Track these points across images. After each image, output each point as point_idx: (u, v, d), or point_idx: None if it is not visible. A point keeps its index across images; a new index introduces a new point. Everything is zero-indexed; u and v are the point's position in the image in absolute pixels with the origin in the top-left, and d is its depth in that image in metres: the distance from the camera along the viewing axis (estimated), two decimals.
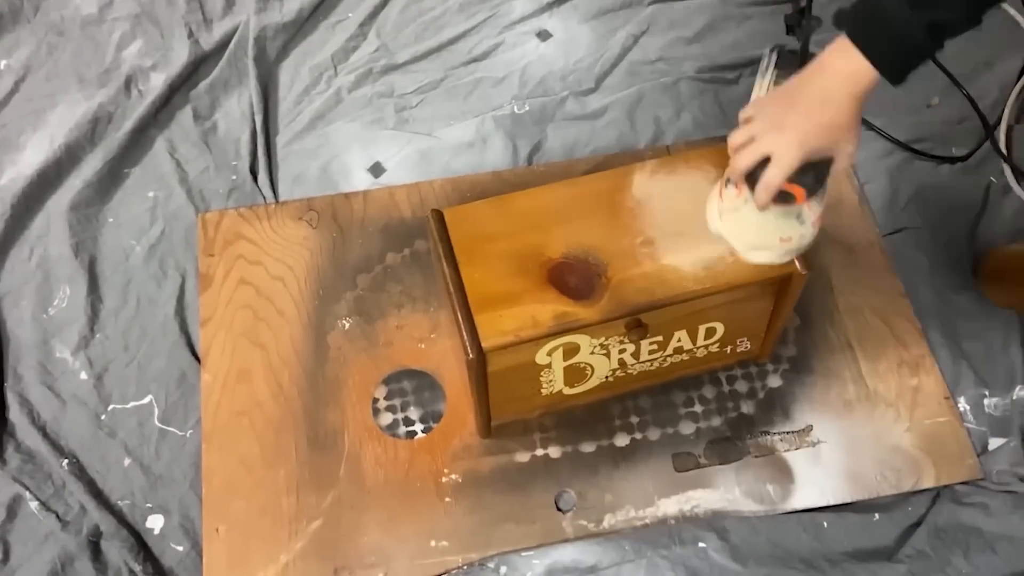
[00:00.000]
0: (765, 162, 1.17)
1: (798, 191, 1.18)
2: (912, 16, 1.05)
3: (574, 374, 1.48)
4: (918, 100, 1.99)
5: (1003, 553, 1.51)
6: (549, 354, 1.39)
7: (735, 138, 1.21)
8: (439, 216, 1.38)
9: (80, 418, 1.67)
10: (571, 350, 1.40)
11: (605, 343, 1.41)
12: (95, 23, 2.17)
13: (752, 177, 1.21)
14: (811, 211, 1.27)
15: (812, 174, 1.17)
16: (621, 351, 1.45)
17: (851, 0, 1.12)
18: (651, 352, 1.49)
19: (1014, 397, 1.67)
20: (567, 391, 1.54)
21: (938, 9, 1.05)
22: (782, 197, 1.19)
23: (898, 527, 1.55)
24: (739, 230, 1.31)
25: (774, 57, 1.33)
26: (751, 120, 1.20)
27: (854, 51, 1.09)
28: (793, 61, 1.33)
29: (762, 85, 1.33)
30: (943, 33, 1.06)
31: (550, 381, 1.48)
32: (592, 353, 1.43)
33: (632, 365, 1.52)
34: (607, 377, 1.53)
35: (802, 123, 1.14)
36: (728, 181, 1.30)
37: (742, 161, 1.19)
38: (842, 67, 1.12)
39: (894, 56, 1.09)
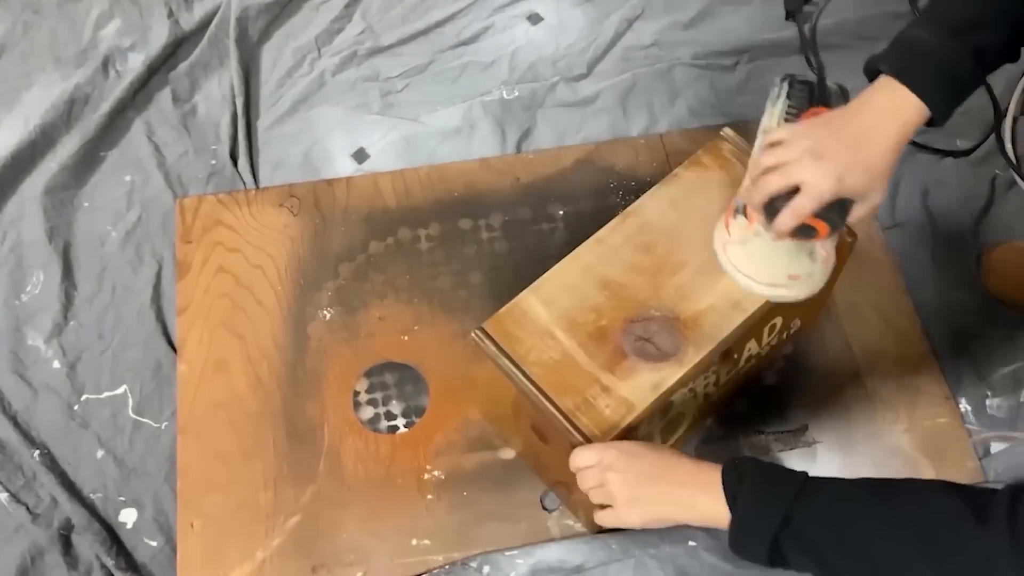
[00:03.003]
0: (786, 194, 1.15)
1: (821, 226, 1.15)
2: (955, 44, 1.05)
3: (668, 428, 1.47)
4: None
5: None
6: (649, 424, 1.35)
7: (766, 159, 1.17)
8: (486, 333, 1.33)
9: (52, 408, 1.68)
10: (665, 409, 1.36)
11: (693, 386, 1.38)
12: (72, 1, 2.18)
13: (770, 208, 1.18)
14: (823, 248, 1.26)
15: (838, 211, 1.14)
16: (705, 386, 1.43)
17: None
18: (727, 372, 1.47)
19: (1021, 399, 1.68)
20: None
21: (980, 34, 1.05)
22: (802, 231, 1.16)
23: None
24: (746, 264, 1.29)
25: (785, 86, 1.30)
26: (782, 144, 1.17)
27: (899, 89, 1.08)
28: (805, 91, 1.30)
29: (772, 114, 1.30)
30: (987, 60, 1.07)
31: None
32: (683, 401, 1.40)
33: (712, 393, 1.50)
34: (694, 416, 1.52)
35: (844, 156, 1.11)
36: (736, 211, 1.28)
37: (771, 185, 1.15)
38: (887, 105, 1.11)
39: (942, 87, 1.08)
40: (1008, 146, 1.90)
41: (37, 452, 1.63)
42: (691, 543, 1.53)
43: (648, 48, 2.08)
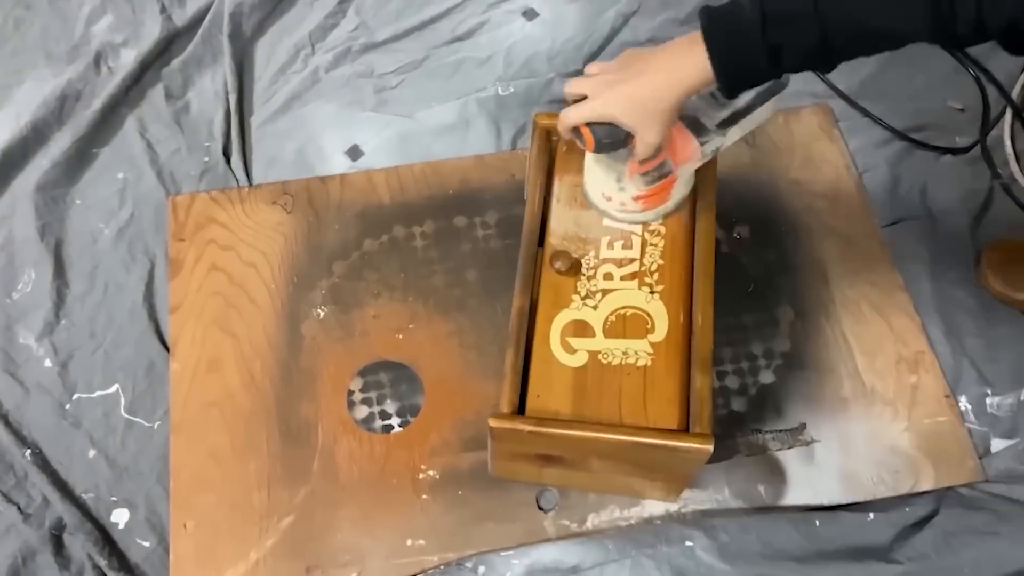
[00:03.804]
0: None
1: (588, 139, 1.23)
2: (761, 34, 1.07)
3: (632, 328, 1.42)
4: (919, 86, 2.00)
5: (1008, 558, 1.52)
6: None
7: (589, 69, 1.27)
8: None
9: (44, 407, 1.68)
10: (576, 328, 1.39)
11: (585, 296, 1.41)
12: None
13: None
14: (633, 183, 1.34)
15: (607, 131, 1.22)
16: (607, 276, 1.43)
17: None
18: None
19: (1022, 398, 1.68)
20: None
21: (786, 31, 1.07)
22: (576, 135, 1.26)
23: (895, 527, 1.56)
24: (586, 178, 1.44)
25: None
26: (605, 63, 1.27)
27: (700, 46, 1.11)
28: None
29: None
30: (782, 61, 1.10)
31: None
32: (583, 306, 1.40)
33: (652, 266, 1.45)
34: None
35: (618, 86, 1.19)
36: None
37: (566, 88, 1.27)
38: (682, 54, 1.14)
39: (733, 65, 1.12)
40: (1008, 143, 1.90)
41: (28, 451, 1.63)
42: (688, 543, 1.53)
43: (644, 44, 2.07)
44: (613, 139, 1.23)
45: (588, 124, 1.22)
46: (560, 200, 1.47)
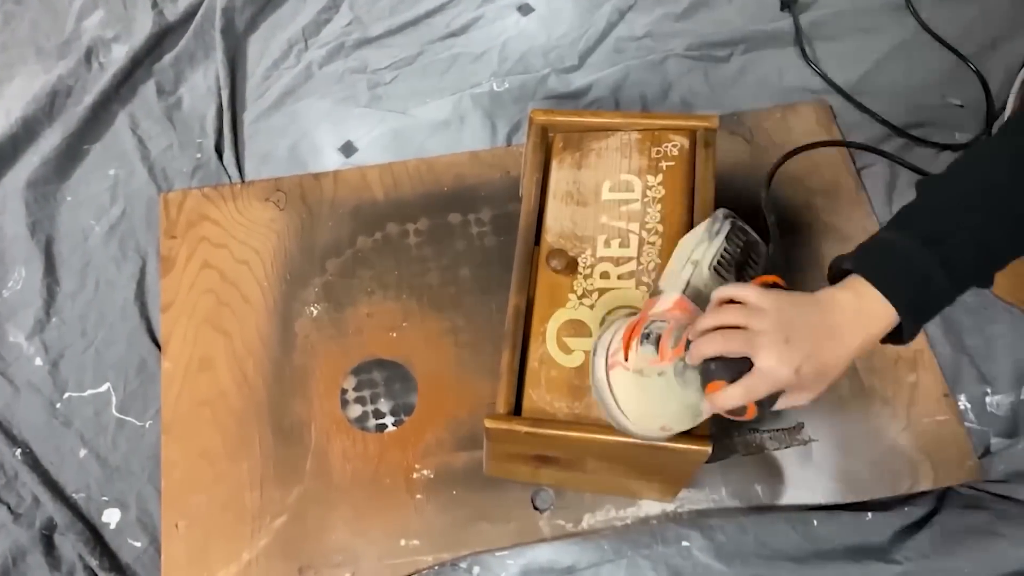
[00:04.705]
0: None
1: (751, 409, 1.07)
2: (928, 253, 1.04)
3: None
4: (917, 82, 2.00)
5: (1008, 558, 1.51)
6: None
7: (728, 315, 1.09)
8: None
9: (34, 406, 1.68)
10: (573, 327, 1.38)
11: (581, 295, 1.40)
12: None
13: (705, 367, 1.09)
14: (707, 411, 1.16)
15: (771, 397, 1.07)
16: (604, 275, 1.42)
17: None
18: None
19: (1022, 397, 1.67)
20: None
21: (948, 247, 1.04)
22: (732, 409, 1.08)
23: (893, 527, 1.56)
24: (627, 394, 1.19)
25: (727, 225, 1.27)
26: (749, 307, 1.09)
27: (869, 293, 1.06)
28: (742, 240, 1.28)
29: (704, 249, 1.25)
30: (957, 275, 1.05)
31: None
32: (579, 305, 1.39)
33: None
34: None
35: (808, 347, 1.05)
36: (646, 338, 1.17)
37: (730, 346, 1.06)
38: (857, 308, 1.07)
39: (916, 296, 1.06)
40: None
41: (19, 451, 1.63)
42: (684, 543, 1.53)
43: (641, 39, 2.08)
44: (773, 401, 1.08)
45: None
46: (556, 197, 1.47)
